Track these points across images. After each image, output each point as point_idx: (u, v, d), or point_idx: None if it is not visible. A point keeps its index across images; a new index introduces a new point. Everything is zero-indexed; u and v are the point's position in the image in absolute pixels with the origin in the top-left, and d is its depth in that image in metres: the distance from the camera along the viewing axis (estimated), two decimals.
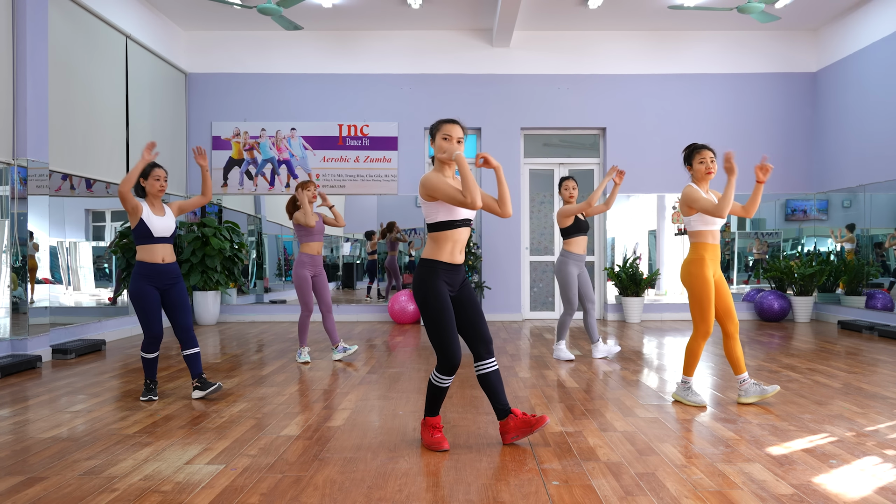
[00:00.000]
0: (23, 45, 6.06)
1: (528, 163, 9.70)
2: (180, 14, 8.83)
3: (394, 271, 9.70)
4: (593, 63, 9.50)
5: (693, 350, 4.18)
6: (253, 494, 2.71)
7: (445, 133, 3.30)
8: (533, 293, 9.71)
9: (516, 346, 6.87)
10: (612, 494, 2.69)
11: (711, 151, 4.17)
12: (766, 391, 4.13)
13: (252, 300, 9.70)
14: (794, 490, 2.72)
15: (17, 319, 5.99)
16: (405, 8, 8.62)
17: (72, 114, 6.90)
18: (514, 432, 3.32)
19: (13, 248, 5.97)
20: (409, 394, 4.57)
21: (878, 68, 8.18)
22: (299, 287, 5.76)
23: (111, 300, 7.84)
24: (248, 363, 5.90)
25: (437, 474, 2.94)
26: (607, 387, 4.78)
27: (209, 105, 9.50)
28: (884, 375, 5.12)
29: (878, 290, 8.15)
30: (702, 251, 4.11)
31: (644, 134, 9.48)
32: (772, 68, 9.51)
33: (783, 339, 7.28)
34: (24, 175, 6.01)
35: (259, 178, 9.45)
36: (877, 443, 3.36)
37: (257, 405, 4.26)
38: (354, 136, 9.46)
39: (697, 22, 9.09)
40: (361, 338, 7.57)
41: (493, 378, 3.33)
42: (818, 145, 9.43)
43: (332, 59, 9.50)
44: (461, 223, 3.27)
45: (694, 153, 4.19)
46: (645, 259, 9.77)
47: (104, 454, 3.25)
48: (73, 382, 5.05)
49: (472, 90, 9.46)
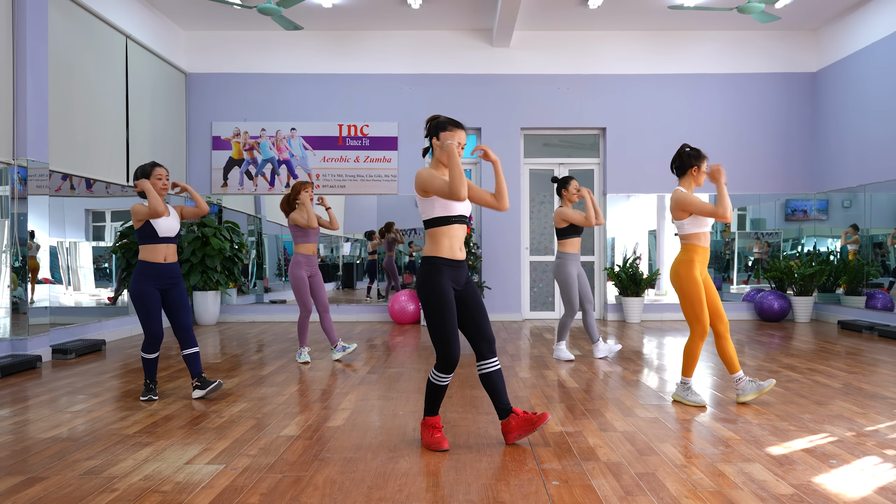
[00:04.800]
0: (23, 45, 6.06)
1: (528, 163, 9.70)
2: (180, 14, 8.83)
3: (392, 272, 9.70)
4: (593, 63, 9.50)
5: (691, 351, 4.18)
6: (253, 494, 2.71)
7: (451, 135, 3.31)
8: (533, 293, 9.71)
9: (516, 346, 6.87)
10: (612, 494, 2.69)
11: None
12: (763, 386, 4.14)
13: (252, 300, 9.71)
14: (794, 490, 2.72)
15: (17, 319, 5.99)
16: (405, 8, 8.62)
17: (72, 114, 6.90)
18: (517, 431, 3.32)
19: (13, 248, 5.98)
20: (409, 394, 4.57)
21: (878, 68, 8.18)
22: (296, 288, 5.76)
23: (111, 300, 7.84)
24: (248, 363, 5.90)
25: (437, 474, 2.94)
26: (607, 387, 4.78)
27: (209, 105, 9.50)
28: (884, 375, 5.12)
29: (878, 290, 8.15)
30: (692, 253, 4.13)
31: (644, 134, 9.48)
32: (772, 68, 9.51)
33: (783, 339, 7.28)
34: (24, 175, 6.01)
35: (259, 178, 9.45)
36: (877, 443, 3.36)
37: (257, 405, 4.26)
38: (354, 136, 9.47)
39: (697, 22, 9.09)
40: (361, 338, 7.57)
41: (496, 377, 3.33)
42: (818, 145, 9.43)
43: (332, 59, 9.50)
44: (456, 219, 3.27)
45: (701, 159, 4.17)
46: (645, 259, 9.77)
47: (104, 454, 3.25)
48: (73, 382, 5.05)
49: (472, 90, 9.46)
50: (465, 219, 3.32)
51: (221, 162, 9.47)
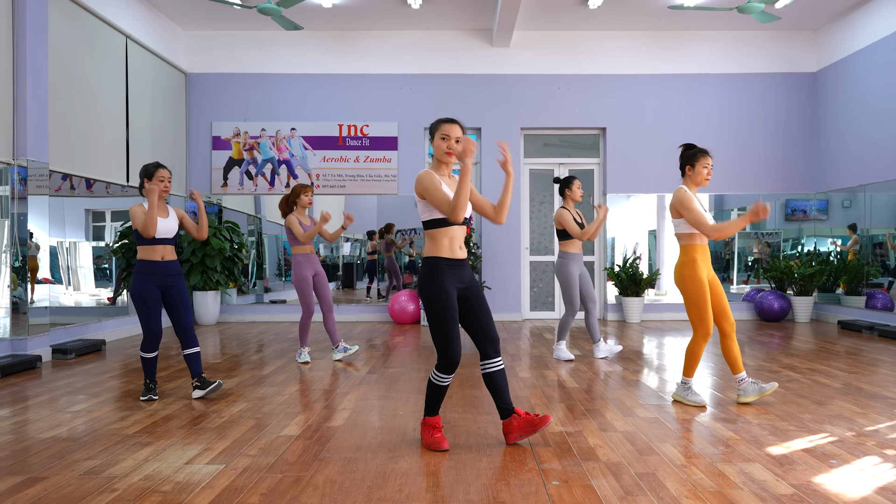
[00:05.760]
0: (23, 45, 6.06)
1: (528, 163, 9.70)
2: (180, 14, 8.83)
3: (394, 271, 9.70)
4: (593, 63, 9.50)
5: (693, 352, 4.18)
6: (253, 494, 2.71)
7: (444, 133, 3.30)
8: (533, 293, 9.71)
9: (516, 346, 6.87)
10: (612, 494, 2.69)
11: (711, 158, 4.19)
12: (765, 389, 4.13)
13: (252, 300, 9.70)
14: (794, 490, 2.72)
15: (17, 319, 5.99)
16: (405, 8, 8.62)
17: (72, 114, 6.90)
18: (518, 432, 3.32)
19: (13, 248, 5.97)
20: (409, 394, 4.57)
21: (878, 68, 8.18)
22: (300, 288, 5.75)
23: (111, 300, 7.84)
24: (248, 363, 5.89)
25: (437, 474, 2.94)
26: (607, 387, 4.78)
27: (209, 105, 9.50)
28: (884, 375, 5.12)
29: (878, 290, 8.15)
30: (693, 253, 4.11)
31: (644, 134, 9.48)
32: (772, 68, 9.51)
33: (783, 339, 7.28)
34: (24, 175, 6.01)
35: (259, 178, 9.45)
36: (877, 443, 3.36)
37: (257, 405, 4.26)
38: (354, 136, 9.46)
39: (697, 22, 9.09)
40: (361, 338, 7.57)
41: (499, 377, 3.32)
42: (818, 145, 9.43)
43: (332, 59, 9.49)
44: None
45: (699, 156, 4.12)
46: (645, 259, 9.77)
47: (104, 454, 3.25)
48: (73, 382, 5.05)
49: (472, 90, 9.46)
50: (465, 220, 3.32)
51: (221, 162, 9.47)
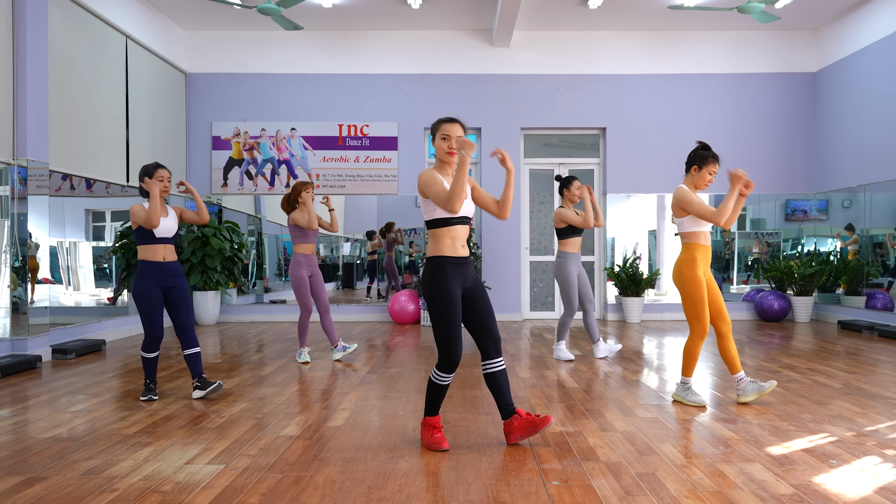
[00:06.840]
0: (23, 45, 6.06)
1: (528, 163, 9.70)
2: (180, 14, 8.83)
3: (392, 272, 9.70)
4: (593, 63, 9.50)
5: (691, 351, 4.18)
6: (253, 494, 2.71)
7: (444, 133, 3.30)
8: (533, 293, 9.71)
9: (516, 346, 6.87)
10: (612, 494, 2.69)
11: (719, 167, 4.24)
12: (764, 387, 4.14)
13: (252, 300, 9.71)
14: (794, 490, 2.72)
15: (17, 319, 5.99)
16: (405, 8, 8.62)
17: (72, 114, 6.90)
18: (519, 432, 3.32)
19: (13, 248, 5.97)
20: (409, 394, 4.57)
21: (878, 68, 8.18)
22: (297, 288, 5.76)
23: (111, 300, 7.84)
24: (248, 363, 5.90)
25: (437, 474, 2.94)
26: (607, 387, 4.78)
27: (209, 105, 9.50)
28: (884, 375, 5.12)
29: (878, 290, 8.15)
30: (694, 252, 4.12)
31: (644, 134, 9.48)
32: (772, 68, 9.51)
33: (783, 339, 7.28)
34: (24, 175, 6.01)
35: (259, 178, 9.45)
36: (877, 443, 3.36)
37: (257, 405, 4.26)
38: (354, 136, 9.46)
39: (697, 22, 9.09)
40: (361, 338, 7.57)
41: (500, 378, 3.32)
42: (818, 145, 9.43)
43: (332, 59, 9.50)
44: (458, 220, 3.27)
45: (710, 161, 4.15)
46: (645, 259, 9.77)
47: (104, 454, 3.25)
48: (73, 382, 5.05)
49: (472, 90, 9.46)
50: (467, 220, 3.32)
51: (221, 162, 9.47)
